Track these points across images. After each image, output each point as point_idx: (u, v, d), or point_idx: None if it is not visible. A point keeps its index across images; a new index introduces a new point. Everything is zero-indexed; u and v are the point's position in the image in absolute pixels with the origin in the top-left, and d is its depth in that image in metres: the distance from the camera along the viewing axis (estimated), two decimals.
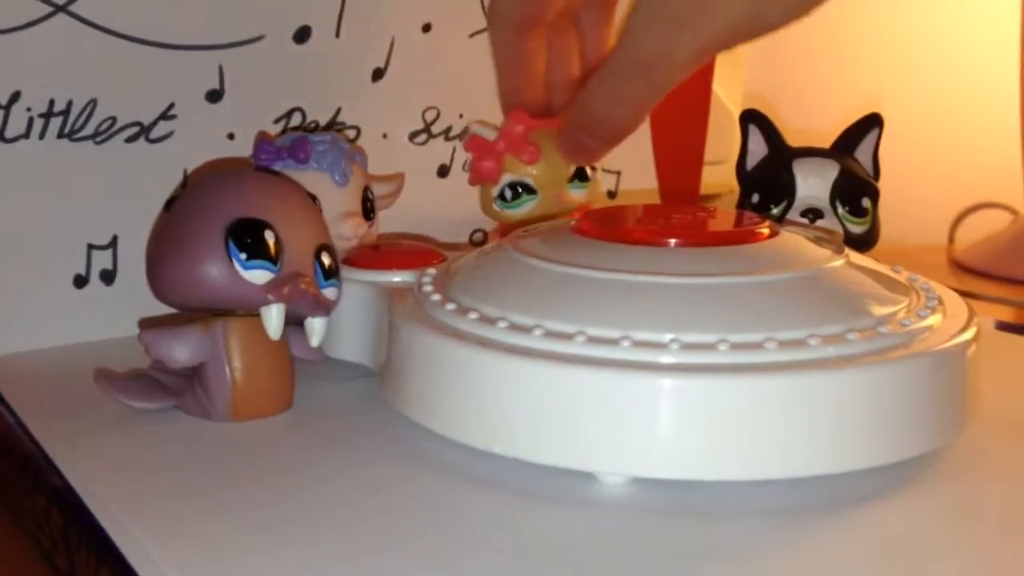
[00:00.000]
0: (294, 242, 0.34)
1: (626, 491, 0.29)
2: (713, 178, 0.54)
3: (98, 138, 0.41)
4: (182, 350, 0.34)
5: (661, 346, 0.28)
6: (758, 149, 0.43)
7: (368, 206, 0.41)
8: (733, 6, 0.30)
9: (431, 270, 0.36)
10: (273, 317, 0.33)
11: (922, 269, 0.36)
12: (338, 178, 0.39)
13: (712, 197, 0.60)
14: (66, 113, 0.41)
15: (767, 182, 0.41)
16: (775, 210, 0.40)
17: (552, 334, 0.29)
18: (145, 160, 0.42)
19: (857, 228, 0.40)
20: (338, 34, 0.46)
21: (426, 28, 0.48)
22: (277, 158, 0.39)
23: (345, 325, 0.36)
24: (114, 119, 0.41)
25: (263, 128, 0.44)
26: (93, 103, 0.41)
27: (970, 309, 0.33)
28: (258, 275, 0.33)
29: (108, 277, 0.42)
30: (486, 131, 0.41)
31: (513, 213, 0.42)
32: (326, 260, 0.35)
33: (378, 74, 0.47)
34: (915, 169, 0.65)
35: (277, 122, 0.45)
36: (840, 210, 0.40)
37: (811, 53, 0.69)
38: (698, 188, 0.51)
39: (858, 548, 0.26)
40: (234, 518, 0.28)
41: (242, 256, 0.32)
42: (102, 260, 0.42)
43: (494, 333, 0.30)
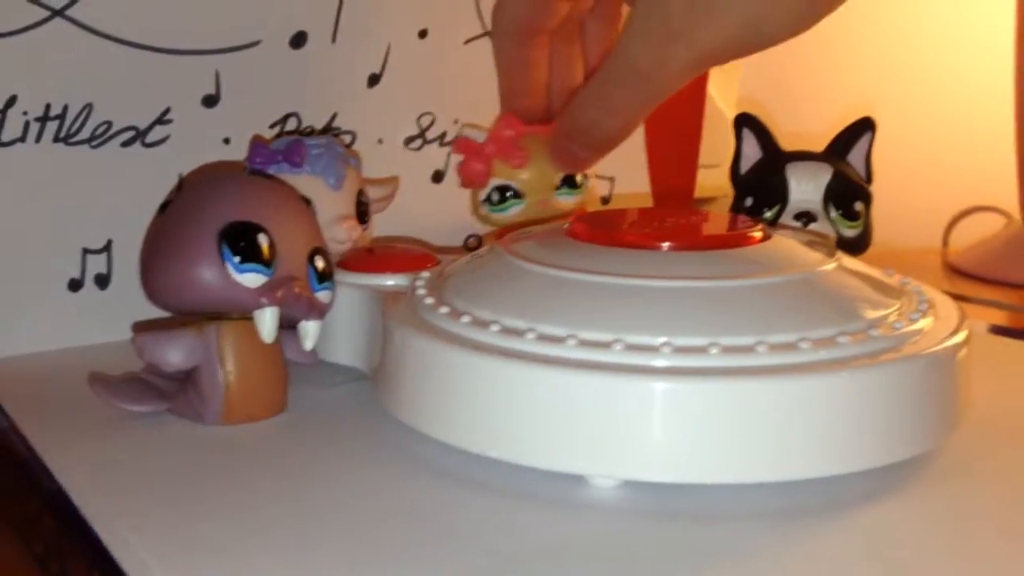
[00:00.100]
0: (288, 245, 0.34)
1: (619, 494, 0.29)
2: (708, 181, 0.54)
3: (94, 142, 0.41)
4: (175, 353, 0.34)
5: (653, 349, 0.28)
6: (752, 153, 0.43)
7: (362, 210, 0.41)
8: (730, 20, 0.30)
9: (425, 273, 0.36)
10: (267, 320, 0.33)
11: (916, 272, 0.36)
12: (332, 182, 0.39)
13: (707, 200, 0.60)
14: (62, 117, 0.41)
15: (760, 186, 0.41)
16: (768, 213, 0.41)
17: (545, 337, 0.29)
18: (141, 164, 0.42)
19: (850, 232, 0.40)
20: (334, 39, 0.46)
21: (422, 34, 0.48)
22: (272, 162, 0.39)
23: (339, 328, 0.37)
24: (110, 123, 0.42)
25: (259, 133, 0.45)
26: (89, 107, 0.41)
27: (961, 312, 0.33)
28: (252, 278, 0.33)
29: (103, 281, 0.42)
30: (476, 133, 0.41)
31: (500, 217, 0.42)
32: (320, 263, 0.35)
33: (374, 80, 0.47)
34: (909, 172, 0.65)
35: (273, 127, 0.45)
36: (833, 214, 0.40)
37: (805, 56, 0.70)
38: (693, 191, 0.51)
39: (849, 551, 0.27)
40: (227, 521, 0.28)
41: (236, 259, 0.32)
42: (97, 264, 0.42)
43: (487, 337, 0.30)
